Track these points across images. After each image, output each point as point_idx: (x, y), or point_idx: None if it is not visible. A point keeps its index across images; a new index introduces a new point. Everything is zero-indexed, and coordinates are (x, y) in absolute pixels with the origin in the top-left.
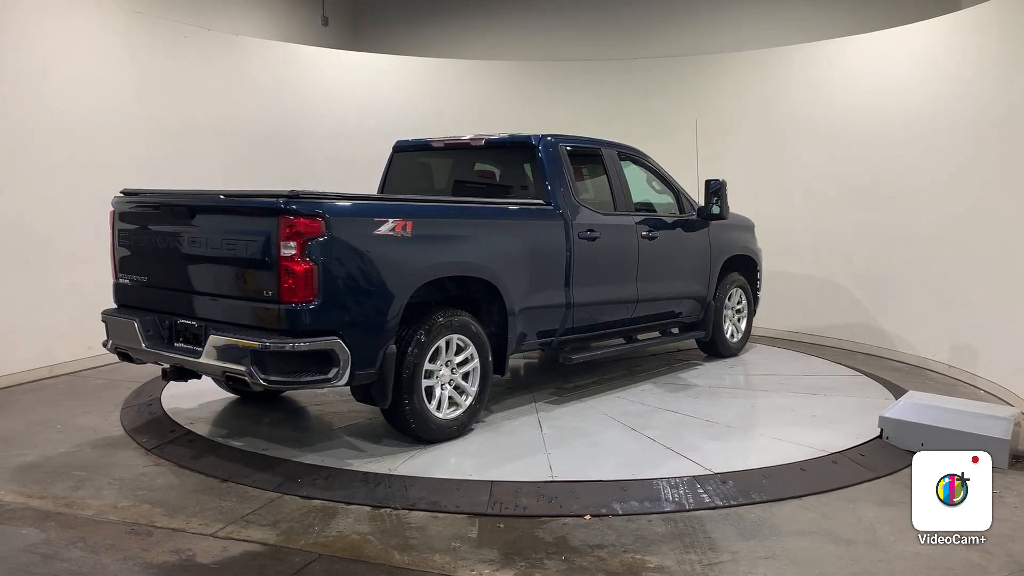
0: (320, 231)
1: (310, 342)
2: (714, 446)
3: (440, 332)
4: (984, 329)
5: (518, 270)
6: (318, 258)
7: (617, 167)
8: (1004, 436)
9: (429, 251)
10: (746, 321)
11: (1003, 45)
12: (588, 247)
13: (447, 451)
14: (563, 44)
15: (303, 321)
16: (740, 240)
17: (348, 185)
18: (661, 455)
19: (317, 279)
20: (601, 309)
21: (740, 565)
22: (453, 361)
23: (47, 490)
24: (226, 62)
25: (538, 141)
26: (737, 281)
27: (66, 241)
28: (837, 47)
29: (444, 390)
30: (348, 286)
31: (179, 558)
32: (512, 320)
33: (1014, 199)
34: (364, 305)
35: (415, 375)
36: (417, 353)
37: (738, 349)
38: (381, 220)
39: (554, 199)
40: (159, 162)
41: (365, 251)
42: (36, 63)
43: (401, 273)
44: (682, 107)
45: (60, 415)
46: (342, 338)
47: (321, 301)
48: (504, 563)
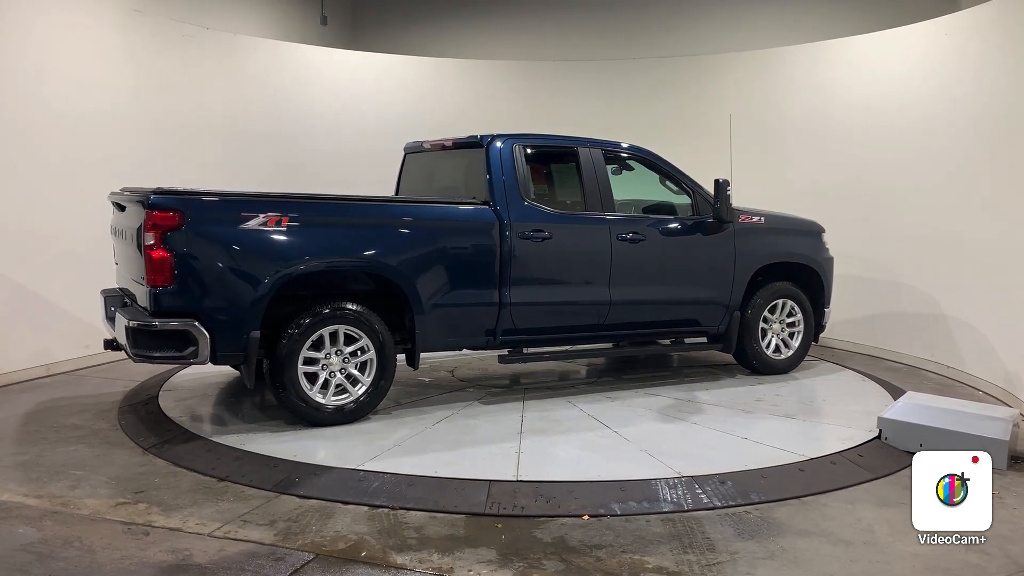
0: (177, 223)
1: (167, 322)
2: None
3: (324, 322)
4: (982, 329)
5: (426, 266)
6: (175, 247)
7: (598, 167)
8: (1003, 437)
9: (303, 245)
10: (801, 337)
11: (1002, 46)
12: (533, 247)
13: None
14: (563, 44)
15: (163, 303)
16: (786, 246)
17: (346, 183)
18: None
19: (174, 266)
20: (555, 311)
21: (739, 566)
22: (344, 351)
23: (43, 489)
24: (225, 61)
25: (486, 141)
26: (783, 291)
27: (63, 240)
28: (837, 48)
29: (333, 378)
30: (207, 274)
31: (176, 557)
32: (421, 315)
33: (1013, 199)
34: (224, 292)
35: (291, 360)
36: (296, 339)
37: (786, 367)
38: (250, 215)
39: (494, 198)
40: (157, 161)
41: (227, 243)
42: (34, 61)
43: (266, 264)
44: (681, 107)
45: (57, 414)
46: (201, 320)
47: (179, 286)
48: (502, 563)
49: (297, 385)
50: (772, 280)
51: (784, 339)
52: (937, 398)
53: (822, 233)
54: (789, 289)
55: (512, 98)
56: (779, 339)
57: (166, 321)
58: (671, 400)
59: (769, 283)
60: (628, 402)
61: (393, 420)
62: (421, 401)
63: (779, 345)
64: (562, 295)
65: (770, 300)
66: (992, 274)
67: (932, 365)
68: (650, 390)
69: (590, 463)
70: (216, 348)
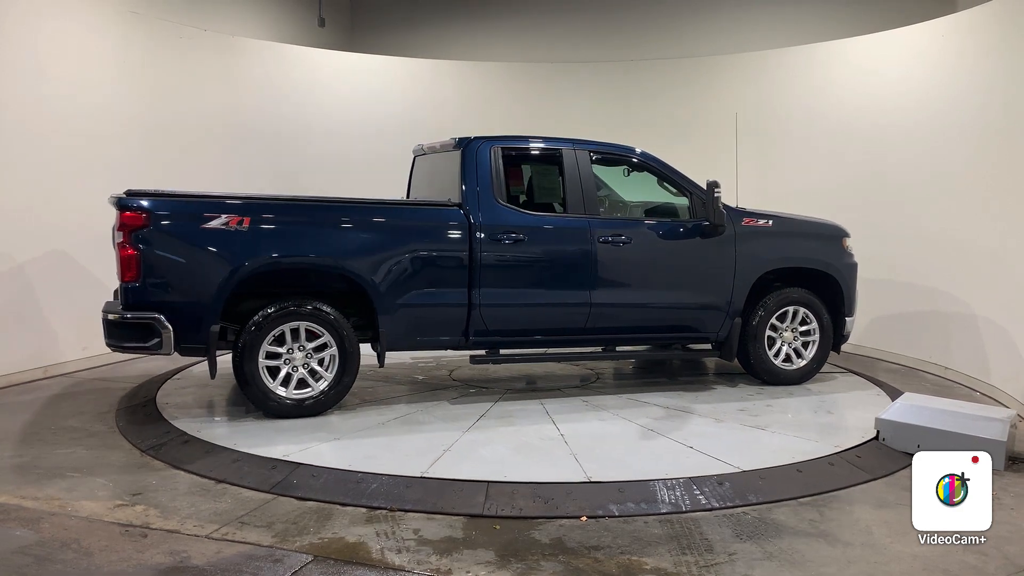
0: (143, 223)
1: (133, 315)
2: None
3: (285, 318)
4: (980, 331)
5: (390, 267)
6: (140, 246)
7: (582, 169)
8: (1000, 438)
9: (260, 245)
10: (816, 347)
11: (999, 46)
12: (505, 248)
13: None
14: (561, 45)
15: (131, 298)
16: (797, 250)
17: (344, 185)
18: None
19: (139, 263)
20: (530, 313)
21: (737, 566)
22: (307, 347)
23: (41, 491)
24: (222, 63)
25: (461, 144)
26: (793, 298)
27: (61, 242)
28: (836, 49)
29: (295, 372)
30: (171, 271)
31: (174, 559)
32: (384, 314)
33: (1012, 199)
34: (186, 288)
35: (252, 354)
36: (256, 334)
37: (798, 378)
38: (212, 215)
39: (466, 200)
40: (155, 162)
41: (190, 242)
42: (32, 64)
43: (224, 263)
44: (681, 108)
45: (54, 416)
46: (165, 314)
47: (143, 282)
48: (500, 565)
49: (258, 378)
50: (787, 286)
51: (797, 348)
52: (935, 399)
53: (842, 237)
54: (801, 296)
55: (511, 99)
56: (791, 348)
57: (135, 315)
58: (655, 407)
59: (780, 289)
60: (602, 406)
61: (350, 413)
62: (395, 399)
63: (790, 355)
64: (536, 298)
65: (778, 307)
66: (990, 274)
67: (929, 366)
68: (637, 396)
69: (511, 464)
70: (179, 340)
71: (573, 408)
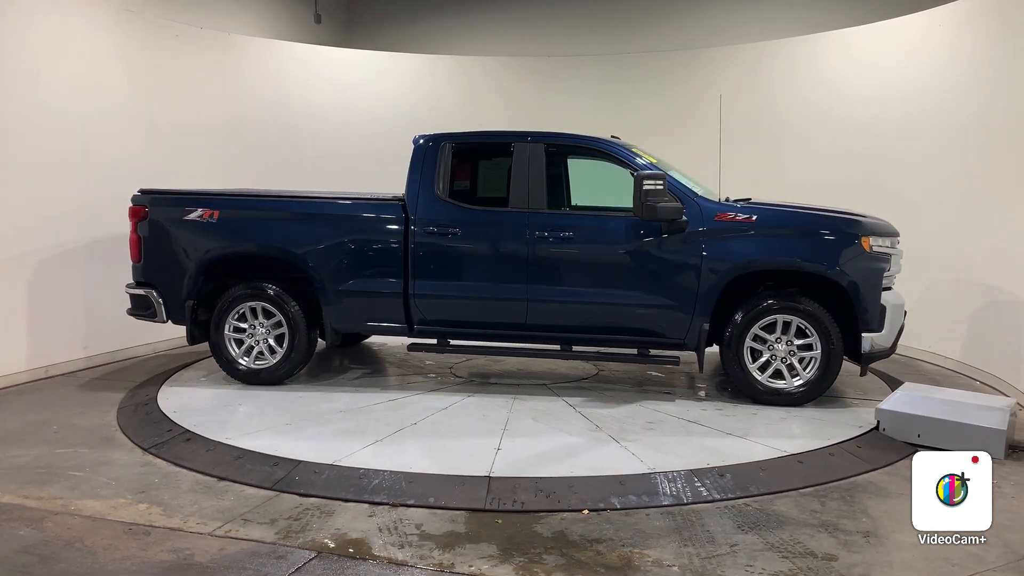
0: (143, 215)
1: (135, 290)
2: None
3: (245, 298)
4: (979, 319)
5: (331, 256)
6: (142, 233)
7: (533, 162)
8: (1000, 427)
9: (227, 233)
10: (818, 364)
11: (997, 36)
12: (438, 241)
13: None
14: (558, 39)
15: (137, 275)
16: (785, 250)
17: (341, 180)
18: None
19: (141, 247)
20: (463, 306)
21: (739, 558)
22: (266, 323)
23: (44, 491)
24: (219, 60)
25: (417, 141)
26: (780, 306)
27: (60, 241)
28: (831, 40)
29: (257, 345)
30: (160, 254)
31: (177, 557)
32: (325, 297)
33: (1009, 190)
34: (170, 269)
35: (218, 327)
36: (222, 311)
37: (793, 399)
38: (191, 209)
39: (407, 195)
40: (152, 160)
41: (174, 231)
42: (28, 62)
43: (199, 248)
44: (675, 101)
45: (56, 415)
46: (157, 290)
47: (143, 262)
48: (503, 558)
49: (223, 347)
50: (784, 291)
51: (794, 364)
52: (935, 389)
53: (859, 236)
54: (792, 304)
55: (506, 94)
56: (783, 364)
57: (137, 289)
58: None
59: (772, 294)
60: (545, 404)
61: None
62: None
63: (782, 371)
64: (469, 291)
65: (759, 316)
66: (989, 264)
67: (929, 356)
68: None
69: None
70: (167, 312)
71: (537, 402)
